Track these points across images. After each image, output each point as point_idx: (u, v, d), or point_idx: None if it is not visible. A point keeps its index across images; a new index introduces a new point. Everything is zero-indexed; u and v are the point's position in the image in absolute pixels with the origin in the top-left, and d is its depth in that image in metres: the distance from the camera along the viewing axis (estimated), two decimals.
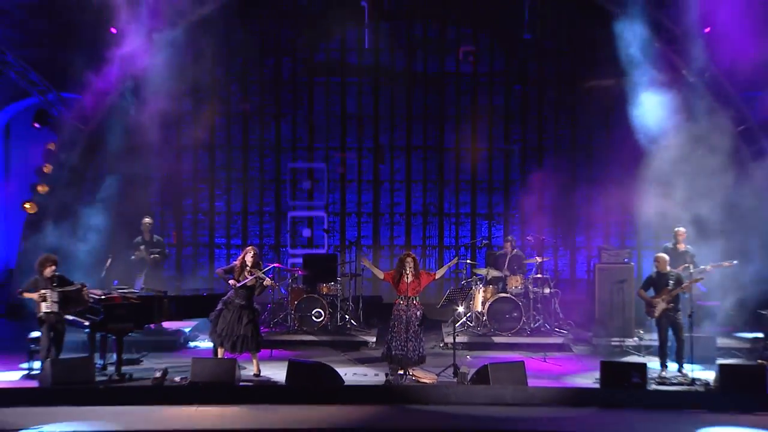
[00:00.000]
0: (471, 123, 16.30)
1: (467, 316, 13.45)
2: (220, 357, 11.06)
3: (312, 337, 13.24)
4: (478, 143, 16.29)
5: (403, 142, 16.46)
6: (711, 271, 11.80)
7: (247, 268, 11.14)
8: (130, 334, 11.23)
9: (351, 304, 14.03)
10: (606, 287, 13.13)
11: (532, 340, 13.07)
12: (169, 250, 14.98)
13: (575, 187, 15.84)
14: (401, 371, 10.95)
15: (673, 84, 14.33)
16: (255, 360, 11.21)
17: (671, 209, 13.68)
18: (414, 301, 11.00)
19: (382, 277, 11.33)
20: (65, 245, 13.53)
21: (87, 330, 11.22)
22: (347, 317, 13.81)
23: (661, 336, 11.37)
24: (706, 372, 11.01)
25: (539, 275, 13.86)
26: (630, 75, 14.26)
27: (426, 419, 9.76)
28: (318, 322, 13.38)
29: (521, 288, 13.48)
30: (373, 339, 13.29)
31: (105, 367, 11.14)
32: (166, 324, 12.65)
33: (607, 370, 10.53)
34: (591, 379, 10.92)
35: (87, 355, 10.96)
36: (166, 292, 11.97)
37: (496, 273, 13.66)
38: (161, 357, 11.99)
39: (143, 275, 13.47)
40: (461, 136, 16.33)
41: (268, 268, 11.61)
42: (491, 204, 16.33)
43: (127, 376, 10.91)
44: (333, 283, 13.80)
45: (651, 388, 10.57)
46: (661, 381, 10.95)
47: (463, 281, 14.04)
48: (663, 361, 11.32)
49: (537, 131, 16.19)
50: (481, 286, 13.50)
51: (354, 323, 13.86)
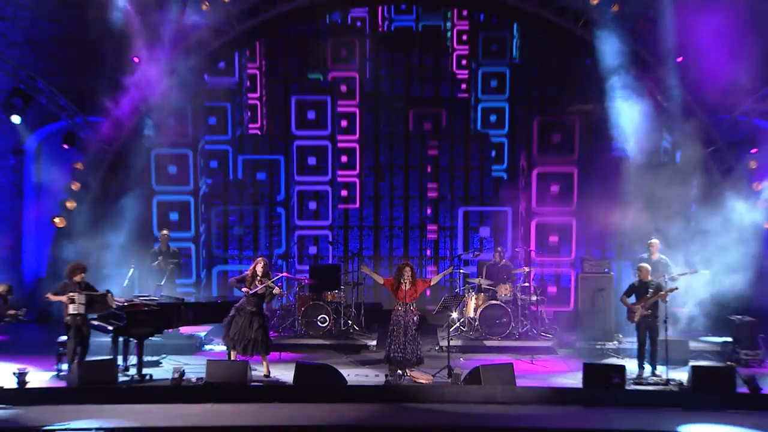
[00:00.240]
0: (463, 141, 16.29)
1: (461, 321, 13.45)
2: (232, 359, 11.08)
3: (317, 341, 13.23)
4: (471, 160, 16.29)
5: (401, 158, 16.46)
6: (677, 279, 11.80)
7: (258, 277, 11.15)
8: (150, 338, 11.21)
9: (353, 310, 14.00)
10: (588, 295, 13.09)
11: (520, 343, 13.06)
12: (186, 260, 14.98)
13: (560, 202, 15.77)
14: (400, 372, 10.95)
15: (649, 108, 14.39)
16: (265, 362, 11.20)
17: (645, 223, 13.78)
18: (411, 307, 10.99)
19: (381, 282, 11.34)
20: (91, 256, 13.55)
21: (111, 334, 11.21)
22: (350, 322, 13.80)
23: (640, 339, 11.36)
24: (679, 373, 11.01)
25: (526, 284, 13.85)
26: (609, 99, 14.31)
27: (423, 417, 9.77)
28: (323, 327, 13.38)
29: (510, 296, 13.47)
30: (374, 342, 13.26)
31: (127, 369, 11.17)
32: (183, 329, 12.65)
33: (589, 371, 10.53)
34: (574, 380, 10.90)
35: (110, 358, 10.97)
36: (183, 299, 12.02)
37: (486, 282, 13.66)
38: (179, 359, 11.98)
39: (162, 284, 13.48)
40: (454, 152, 16.32)
41: (277, 277, 11.63)
42: (483, 218, 16.29)
43: (148, 376, 10.94)
44: (337, 291, 13.80)
45: (629, 387, 10.55)
46: (639, 381, 10.96)
47: (457, 289, 14.05)
48: (640, 363, 11.30)
49: (525, 151, 16.15)
50: (474, 293, 13.51)
51: (356, 328, 13.84)
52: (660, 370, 11.14)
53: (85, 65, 14.45)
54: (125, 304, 11.06)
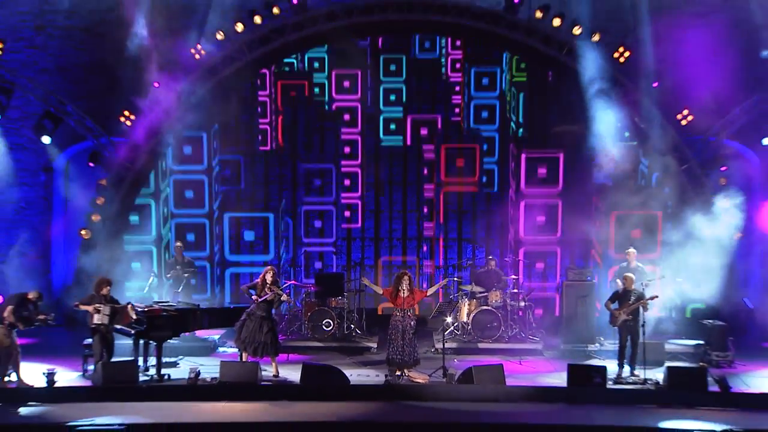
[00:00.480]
0: (457, 162, 16.32)
1: (455, 325, 13.41)
2: (244, 360, 11.10)
3: (322, 344, 13.22)
4: (463, 176, 16.30)
5: (400, 177, 16.48)
6: (647, 285, 11.82)
7: (267, 285, 11.18)
8: (168, 340, 11.22)
9: (356, 315, 13.98)
10: (572, 301, 13.10)
11: (509, 346, 13.04)
12: (201, 269, 14.98)
13: (546, 215, 15.72)
14: (398, 373, 10.98)
15: (628, 129, 14.47)
16: (274, 363, 11.23)
17: (623, 235, 13.85)
18: (409, 313, 11.02)
19: (381, 293, 11.37)
20: (114, 266, 13.58)
21: (132, 337, 11.23)
22: (352, 327, 13.78)
23: (621, 342, 11.36)
24: (656, 373, 11.02)
25: (515, 290, 13.84)
26: (591, 122, 14.38)
27: (420, 414, 9.80)
28: (328, 331, 13.37)
29: (500, 301, 13.45)
30: (375, 345, 13.26)
31: (147, 369, 11.19)
32: (199, 332, 12.61)
33: (573, 371, 10.55)
34: (559, 379, 10.91)
35: (132, 359, 11.00)
36: (198, 305, 12.04)
37: (478, 289, 13.64)
38: (195, 360, 11.98)
39: (179, 291, 13.52)
40: (449, 172, 16.34)
41: (285, 285, 11.67)
42: (475, 230, 16.26)
43: (166, 376, 10.97)
44: (340, 298, 13.78)
45: (610, 386, 10.56)
46: (618, 381, 10.98)
47: (451, 296, 14.05)
48: (620, 364, 11.31)
49: (514, 168, 16.16)
50: (467, 299, 13.50)
51: (358, 332, 13.83)
52: (638, 370, 11.15)
53: (108, 89, 14.50)
54: (145, 309, 11.08)
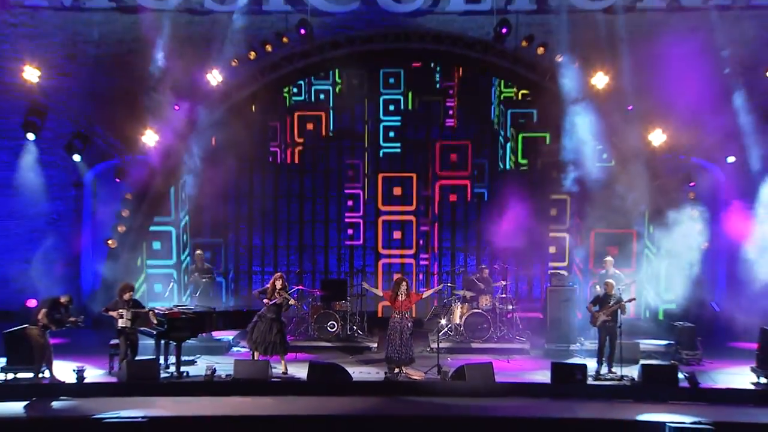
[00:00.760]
0: (451, 177, 16.36)
1: (448, 327, 13.41)
2: (256, 359, 11.10)
3: (327, 344, 13.20)
4: (457, 190, 16.32)
5: (398, 190, 16.41)
6: (623, 290, 11.87)
7: (277, 290, 11.19)
8: (187, 341, 11.24)
9: (358, 317, 13.93)
10: (555, 304, 13.07)
11: (498, 345, 13.01)
12: (217, 276, 15.01)
13: (533, 227, 15.50)
14: (397, 370, 10.99)
15: (605, 149, 14.56)
16: (283, 361, 11.22)
17: (602, 246, 13.92)
18: (406, 315, 11.05)
19: (381, 295, 11.40)
20: (137, 273, 13.63)
21: (154, 338, 11.27)
22: (355, 328, 13.76)
23: (601, 341, 11.36)
24: (631, 370, 11.02)
25: (504, 295, 13.84)
26: (574, 139, 14.50)
27: (416, 408, 9.82)
28: (332, 332, 13.35)
29: (490, 305, 13.42)
30: (375, 345, 13.23)
31: (167, 367, 11.19)
32: (215, 333, 12.62)
33: (556, 369, 10.59)
34: (544, 376, 10.90)
35: (153, 358, 11.02)
36: (214, 308, 12.06)
37: (470, 293, 13.62)
38: (211, 359, 11.98)
39: (197, 296, 13.54)
40: (443, 184, 16.35)
41: (293, 290, 11.68)
42: (467, 239, 16.26)
43: (185, 373, 10.97)
44: (344, 302, 13.76)
45: (590, 383, 10.58)
46: (597, 377, 10.99)
47: (445, 300, 14.06)
48: (599, 362, 11.31)
49: (503, 183, 16.19)
50: (459, 303, 13.47)
51: (360, 333, 13.79)
52: (615, 368, 11.15)
53: (132, 112, 14.52)
54: (166, 312, 11.11)
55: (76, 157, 14.42)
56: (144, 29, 14.93)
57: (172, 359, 11.19)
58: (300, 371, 11.00)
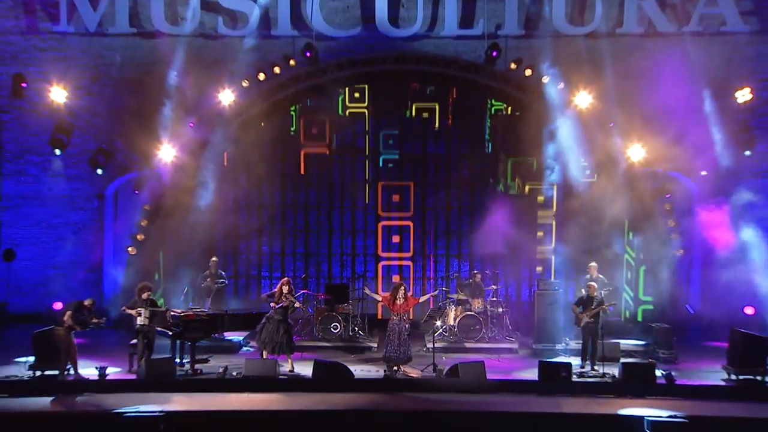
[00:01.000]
0: (445, 187, 16.38)
1: (443, 328, 13.39)
2: (264, 358, 11.10)
3: (331, 344, 13.19)
4: (450, 202, 16.35)
5: (396, 201, 16.40)
6: (605, 293, 11.91)
7: (284, 294, 11.20)
8: (200, 341, 11.29)
9: (359, 319, 13.93)
10: (542, 307, 13.08)
11: (489, 345, 13.00)
12: (228, 281, 15.03)
13: (522, 235, 15.54)
14: (395, 368, 11.00)
15: (590, 165, 14.63)
16: (290, 360, 11.24)
17: (586, 254, 13.99)
18: (404, 317, 11.06)
19: (380, 299, 11.41)
20: (155, 278, 13.64)
21: (170, 338, 11.31)
22: (356, 329, 13.74)
23: (584, 341, 11.40)
24: (612, 368, 11.04)
25: (494, 298, 13.83)
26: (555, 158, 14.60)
27: (413, 403, 9.85)
28: (335, 333, 13.37)
29: (482, 308, 13.42)
30: (375, 345, 13.22)
31: (182, 365, 11.20)
32: (226, 334, 12.65)
33: (543, 367, 10.58)
34: (532, 374, 10.90)
35: (169, 356, 11.04)
36: (226, 311, 12.07)
37: (463, 297, 13.63)
38: (223, 358, 12.00)
39: (210, 299, 13.57)
40: (438, 196, 16.38)
41: (299, 293, 11.68)
42: (460, 246, 16.22)
43: (198, 371, 10.98)
44: (346, 305, 13.77)
45: (574, 380, 10.59)
46: (581, 375, 11.01)
47: (440, 303, 14.06)
48: (583, 360, 11.35)
49: (494, 198, 16.04)
50: (453, 306, 13.47)
51: (361, 334, 13.78)
52: (598, 366, 11.19)
53: (151, 130, 14.64)
54: (181, 314, 11.14)
55: (98, 171, 14.53)
56: (161, 53, 15.11)
57: (187, 358, 11.23)
58: (305, 369, 11.02)
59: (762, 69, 15.07)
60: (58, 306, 13.48)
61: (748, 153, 14.22)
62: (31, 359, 10.58)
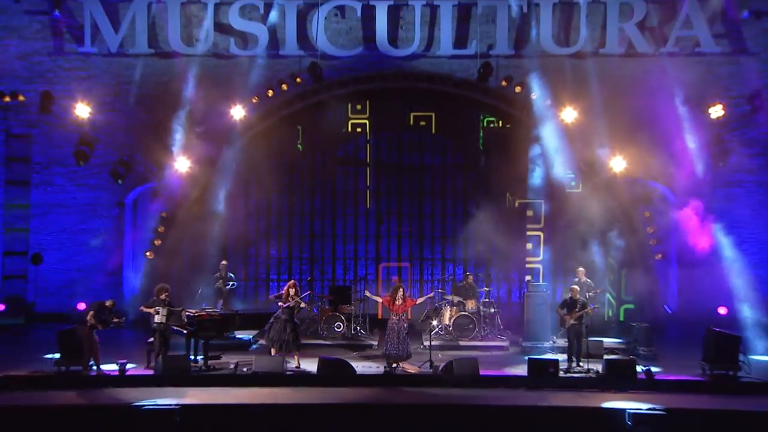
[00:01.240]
0: (441, 197, 16.40)
1: (439, 327, 13.39)
2: (272, 355, 11.08)
3: (334, 342, 13.19)
4: (446, 210, 16.39)
5: (396, 209, 16.54)
6: (593, 295, 11.93)
7: (290, 295, 11.20)
8: (213, 339, 11.27)
9: (361, 319, 13.91)
10: (531, 308, 13.06)
11: (482, 343, 12.98)
12: (239, 283, 15.04)
13: (512, 241, 15.56)
14: (394, 365, 10.98)
15: (576, 177, 14.71)
16: (296, 357, 11.22)
17: (572, 257, 14.03)
18: (403, 317, 11.07)
19: (380, 301, 11.42)
20: (172, 281, 13.63)
21: (185, 336, 11.28)
22: (358, 328, 13.73)
23: (570, 340, 11.36)
24: (596, 364, 11.03)
25: (487, 299, 13.83)
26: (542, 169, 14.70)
27: (412, 397, 9.86)
28: (338, 331, 13.37)
29: (475, 308, 13.40)
30: (376, 343, 13.20)
31: (196, 362, 11.13)
32: (237, 332, 12.70)
33: (532, 363, 10.59)
34: (522, 370, 10.90)
35: (184, 353, 11.00)
36: (237, 311, 12.11)
37: (458, 298, 13.65)
38: (234, 355, 11.98)
39: (222, 300, 13.61)
40: (434, 204, 16.41)
41: (304, 295, 11.69)
42: (455, 251, 16.22)
43: (211, 367, 10.96)
44: (349, 305, 13.76)
45: (561, 375, 10.60)
46: (568, 370, 10.97)
47: (436, 304, 14.08)
48: (569, 357, 11.29)
49: (484, 204, 16.16)
50: (448, 307, 13.47)
51: (363, 332, 13.75)
52: (583, 362, 11.16)
53: (167, 142, 14.72)
54: (195, 314, 11.14)
55: (119, 181, 14.62)
56: (177, 71, 15.24)
57: (200, 355, 11.19)
58: (311, 366, 11.01)
59: (733, 87, 15.24)
60: (81, 306, 13.57)
61: (721, 164, 14.33)
62: (57, 356, 10.62)
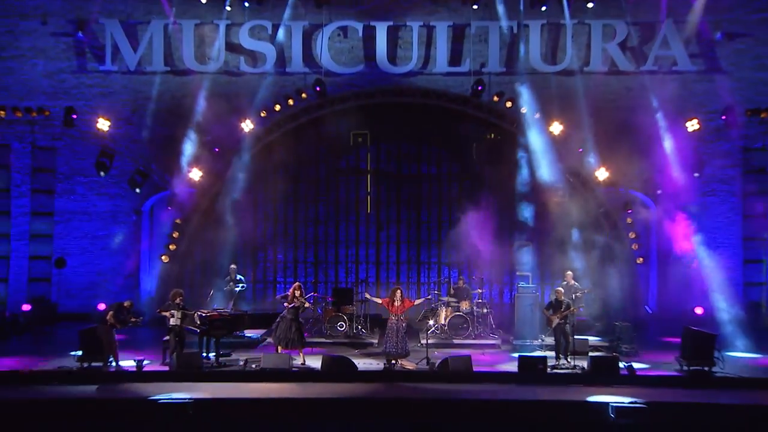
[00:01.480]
0: (438, 204, 16.45)
1: (435, 327, 13.38)
2: (279, 352, 11.07)
3: (337, 340, 13.16)
4: (442, 216, 16.43)
5: (395, 216, 16.59)
6: (580, 296, 11.95)
7: (296, 296, 11.21)
8: (224, 337, 11.28)
9: (362, 319, 13.93)
10: (522, 308, 13.06)
11: (475, 342, 12.97)
12: (247, 285, 15.06)
13: (503, 245, 15.59)
14: (393, 362, 10.97)
15: (561, 185, 14.76)
16: (301, 354, 11.21)
17: (559, 260, 14.06)
18: (401, 318, 11.09)
19: (380, 302, 11.45)
20: (185, 283, 13.70)
21: (198, 335, 11.29)
22: (359, 327, 13.74)
23: (556, 339, 11.38)
24: (582, 361, 11.07)
25: (480, 300, 13.81)
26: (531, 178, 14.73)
27: (410, 392, 9.86)
28: (341, 331, 13.37)
29: (469, 309, 13.41)
30: (376, 341, 13.20)
31: (208, 358, 11.16)
32: (246, 331, 12.69)
33: (522, 360, 10.57)
34: (512, 367, 10.87)
35: (197, 351, 11.02)
36: (246, 311, 12.12)
37: (453, 299, 13.66)
38: (243, 352, 12.00)
39: (232, 301, 13.63)
40: (431, 211, 16.45)
41: (308, 296, 11.71)
42: (450, 255, 16.22)
43: (223, 363, 10.97)
44: (351, 306, 13.77)
45: (549, 372, 10.59)
46: (555, 367, 10.99)
47: (432, 304, 14.10)
48: (557, 355, 11.33)
49: (479, 210, 16.17)
50: (444, 307, 13.46)
51: (364, 331, 13.75)
52: (569, 359, 11.20)
53: (181, 153, 14.82)
54: (207, 314, 11.16)
55: (136, 190, 14.68)
56: (191, 88, 15.35)
57: (212, 352, 11.22)
58: (315, 362, 11.00)
59: (708, 103, 15.39)
60: (101, 307, 13.60)
61: (697, 175, 14.43)
62: (79, 353, 10.65)
